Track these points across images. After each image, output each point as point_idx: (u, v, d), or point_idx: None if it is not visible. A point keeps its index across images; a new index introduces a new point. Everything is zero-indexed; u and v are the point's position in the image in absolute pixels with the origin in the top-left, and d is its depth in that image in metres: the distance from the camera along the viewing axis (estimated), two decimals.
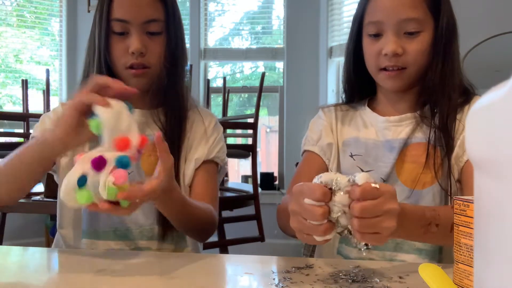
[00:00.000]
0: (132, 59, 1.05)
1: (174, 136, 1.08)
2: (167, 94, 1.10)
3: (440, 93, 0.99)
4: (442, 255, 0.97)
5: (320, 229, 0.66)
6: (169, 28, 1.08)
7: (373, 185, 0.65)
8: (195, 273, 0.80)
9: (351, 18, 1.11)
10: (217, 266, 0.87)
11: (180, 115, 1.12)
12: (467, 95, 1.02)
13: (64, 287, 0.72)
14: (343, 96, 1.14)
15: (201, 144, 1.13)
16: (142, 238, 1.05)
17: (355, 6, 1.09)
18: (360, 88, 1.11)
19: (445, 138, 0.97)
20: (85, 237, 1.04)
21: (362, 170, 1.02)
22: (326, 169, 1.08)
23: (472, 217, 0.66)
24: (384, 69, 0.99)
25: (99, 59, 1.07)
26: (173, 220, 0.99)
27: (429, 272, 0.60)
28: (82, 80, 1.11)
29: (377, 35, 0.99)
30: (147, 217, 1.05)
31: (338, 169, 1.07)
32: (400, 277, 0.75)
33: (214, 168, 1.15)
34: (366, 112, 1.09)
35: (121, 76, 1.08)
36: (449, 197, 0.96)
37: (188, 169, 1.11)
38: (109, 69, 1.07)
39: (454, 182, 0.97)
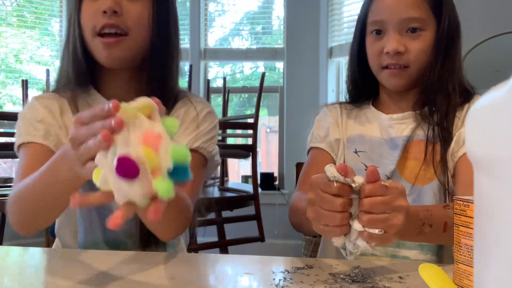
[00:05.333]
0: (104, 20, 0.90)
1: None
2: (150, 81, 0.95)
3: (438, 92, 1.00)
4: (442, 251, 0.98)
5: (337, 218, 0.66)
6: None
7: (382, 183, 0.67)
8: (195, 273, 0.80)
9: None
10: (217, 266, 0.87)
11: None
12: (467, 95, 1.02)
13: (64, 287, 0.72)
14: (347, 96, 1.14)
15: (188, 130, 1.00)
16: (136, 247, 0.99)
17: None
18: (364, 89, 1.11)
19: (443, 134, 0.98)
20: (81, 248, 1.01)
21: (366, 166, 1.03)
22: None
23: (472, 217, 0.66)
24: (387, 67, 1.00)
25: (74, 29, 0.94)
26: None
27: (429, 272, 0.60)
28: (61, 65, 1.00)
29: (379, 34, 1.00)
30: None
31: None
32: (400, 277, 0.75)
33: (198, 159, 1.00)
34: (370, 110, 1.10)
35: (90, 48, 0.94)
36: (448, 192, 0.97)
37: None
38: (85, 49, 0.94)
39: (450, 178, 0.98)
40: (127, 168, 0.54)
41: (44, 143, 0.96)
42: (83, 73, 0.96)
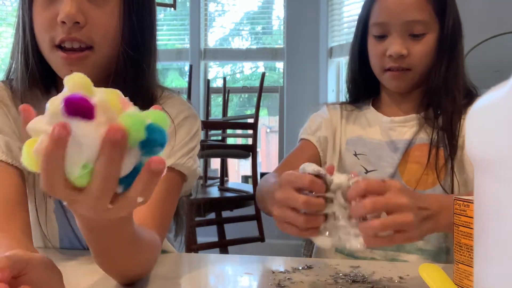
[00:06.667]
0: (62, 33, 0.74)
1: None
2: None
3: (443, 94, 0.99)
4: (449, 256, 0.96)
5: (300, 219, 0.61)
6: None
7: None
8: (195, 273, 0.80)
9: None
10: (217, 266, 0.87)
11: None
12: (470, 97, 1.02)
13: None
14: (347, 96, 1.14)
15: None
16: None
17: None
18: (364, 88, 1.11)
19: (448, 139, 0.97)
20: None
21: (366, 170, 1.03)
22: (318, 160, 1.08)
23: (472, 217, 0.66)
24: (389, 69, 1.00)
25: (24, 34, 0.80)
26: (107, 253, 0.62)
27: (429, 272, 0.60)
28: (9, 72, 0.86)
29: (382, 37, 1.00)
30: None
31: (341, 167, 1.07)
32: (400, 278, 0.75)
33: (174, 178, 0.83)
34: (371, 112, 1.09)
35: (48, 60, 0.78)
36: None
37: None
38: (39, 54, 0.79)
39: (456, 184, 0.97)
40: (79, 106, 0.41)
41: (7, 160, 0.77)
42: (36, 84, 0.81)
